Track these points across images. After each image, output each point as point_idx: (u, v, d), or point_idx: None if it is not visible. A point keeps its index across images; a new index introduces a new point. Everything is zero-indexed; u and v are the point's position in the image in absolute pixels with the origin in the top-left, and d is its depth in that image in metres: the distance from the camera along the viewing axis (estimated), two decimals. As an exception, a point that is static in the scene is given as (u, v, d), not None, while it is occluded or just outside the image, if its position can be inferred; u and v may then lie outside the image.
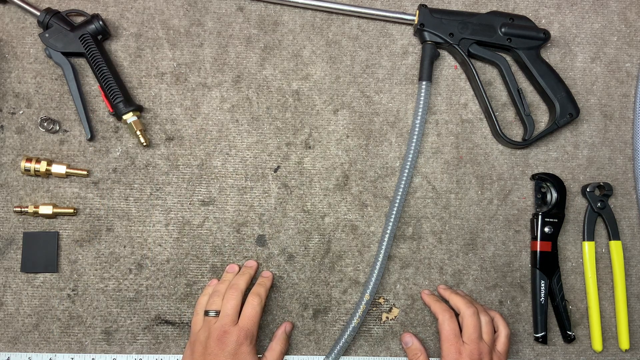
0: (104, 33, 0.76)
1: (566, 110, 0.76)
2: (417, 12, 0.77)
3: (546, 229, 0.75)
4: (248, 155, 0.77)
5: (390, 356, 0.74)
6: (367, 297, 0.72)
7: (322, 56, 0.79)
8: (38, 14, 0.75)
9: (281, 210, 0.76)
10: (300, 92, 0.79)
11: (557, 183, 0.76)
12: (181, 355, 0.73)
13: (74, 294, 0.74)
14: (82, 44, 0.74)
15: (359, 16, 0.80)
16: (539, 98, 0.79)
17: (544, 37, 0.76)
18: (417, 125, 0.75)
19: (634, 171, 0.79)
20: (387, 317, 0.75)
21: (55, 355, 0.73)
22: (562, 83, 0.76)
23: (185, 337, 0.74)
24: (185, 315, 0.74)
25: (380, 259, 0.72)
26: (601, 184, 0.76)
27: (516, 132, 0.79)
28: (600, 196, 0.77)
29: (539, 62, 0.76)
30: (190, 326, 0.74)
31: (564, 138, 0.79)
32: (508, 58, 0.78)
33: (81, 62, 0.78)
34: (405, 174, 0.75)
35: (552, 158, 0.79)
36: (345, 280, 0.75)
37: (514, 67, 0.79)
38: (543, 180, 0.77)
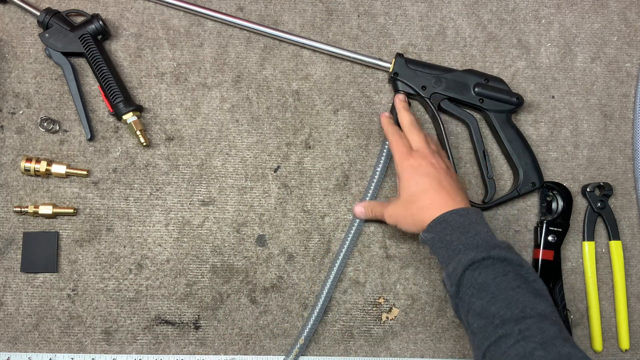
0: (104, 33, 0.76)
1: (529, 178, 0.75)
2: (394, 60, 0.76)
3: (550, 238, 0.74)
4: (248, 155, 0.77)
5: (390, 356, 0.74)
6: (301, 341, 0.72)
7: (322, 56, 0.79)
8: (38, 14, 0.75)
9: (281, 210, 0.76)
10: (300, 92, 0.79)
11: (564, 192, 0.76)
12: (181, 356, 0.73)
13: (74, 294, 0.74)
14: (82, 44, 0.74)
15: (337, 57, 0.79)
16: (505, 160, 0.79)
17: (517, 102, 0.75)
18: (377, 173, 0.75)
19: (634, 171, 0.79)
20: (387, 317, 0.75)
21: (55, 355, 0.73)
22: (528, 151, 0.75)
23: (185, 337, 0.74)
24: (185, 315, 0.74)
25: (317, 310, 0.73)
26: (601, 184, 0.76)
27: (481, 190, 0.78)
28: (600, 196, 0.77)
29: (508, 126, 0.76)
30: (190, 326, 0.74)
31: (564, 138, 0.79)
32: (479, 117, 0.78)
33: (81, 62, 0.78)
34: (354, 228, 0.74)
35: (552, 158, 0.79)
36: (345, 280, 0.75)
37: (484, 127, 0.78)
38: (549, 189, 0.76)
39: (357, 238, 0.75)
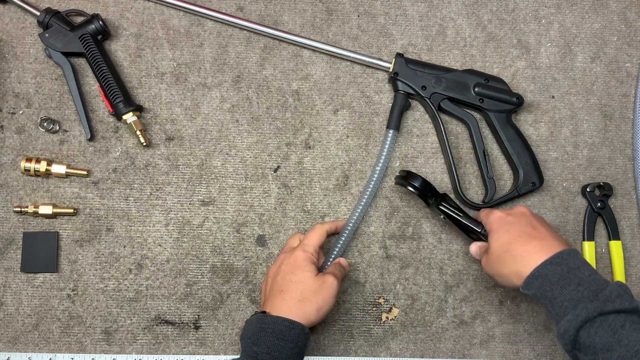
0: (104, 33, 0.76)
1: (529, 178, 0.75)
2: (394, 60, 0.76)
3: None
4: (248, 155, 0.77)
5: (390, 356, 0.75)
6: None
7: (322, 56, 0.79)
8: (38, 14, 0.75)
9: (281, 210, 0.76)
10: (300, 92, 0.79)
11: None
12: (181, 356, 0.73)
13: (74, 294, 0.74)
14: (82, 44, 0.74)
15: (337, 57, 0.79)
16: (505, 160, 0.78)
17: (517, 102, 0.75)
18: (377, 172, 0.74)
19: (634, 171, 0.79)
20: (387, 317, 0.75)
21: (55, 355, 0.73)
22: (529, 150, 0.75)
23: (185, 337, 0.74)
24: (185, 315, 0.74)
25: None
26: (601, 184, 0.76)
27: (481, 190, 0.78)
28: (600, 196, 0.77)
29: (508, 126, 0.75)
30: (190, 326, 0.74)
31: (564, 138, 0.79)
32: (479, 117, 0.78)
33: (81, 62, 0.78)
34: (350, 226, 0.72)
35: (552, 158, 0.79)
36: (345, 280, 0.75)
37: (484, 127, 0.78)
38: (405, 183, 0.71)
39: (351, 237, 0.75)
